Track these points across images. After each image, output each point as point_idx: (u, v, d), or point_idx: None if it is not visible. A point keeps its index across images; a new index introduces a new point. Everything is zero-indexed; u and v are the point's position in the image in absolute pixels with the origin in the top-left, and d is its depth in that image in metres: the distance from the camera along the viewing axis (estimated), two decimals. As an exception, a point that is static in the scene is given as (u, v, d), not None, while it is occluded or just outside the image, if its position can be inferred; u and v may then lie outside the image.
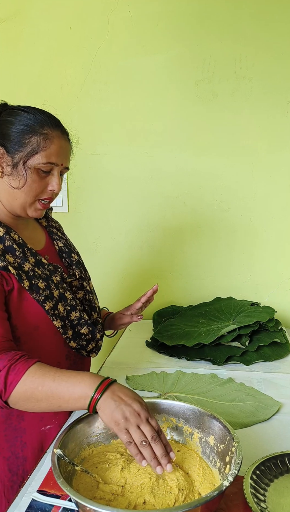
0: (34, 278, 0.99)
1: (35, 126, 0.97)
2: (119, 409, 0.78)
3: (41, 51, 1.85)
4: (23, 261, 0.98)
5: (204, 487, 0.78)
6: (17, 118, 0.98)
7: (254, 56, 1.74)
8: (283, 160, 1.80)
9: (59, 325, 1.03)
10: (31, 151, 0.96)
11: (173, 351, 1.51)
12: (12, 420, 1.03)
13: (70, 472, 0.79)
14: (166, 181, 1.87)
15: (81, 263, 1.22)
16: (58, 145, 0.99)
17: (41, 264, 1.04)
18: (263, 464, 0.84)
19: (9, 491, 1.04)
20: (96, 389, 0.81)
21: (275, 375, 1.34)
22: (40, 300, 0.99)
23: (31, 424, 1.05)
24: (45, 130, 0.97)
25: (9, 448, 1.04)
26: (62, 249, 1.17)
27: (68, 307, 1.06)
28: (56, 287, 1.05)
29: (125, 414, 0.78)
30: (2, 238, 0.97)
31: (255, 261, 1.90)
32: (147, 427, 0.78)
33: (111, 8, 1.78)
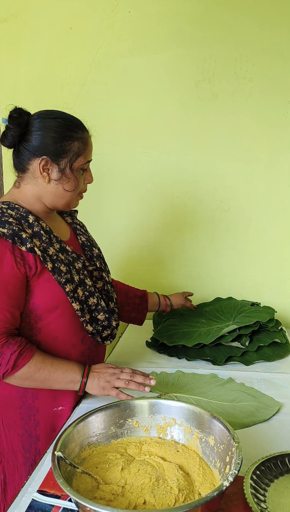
0: (57, 261, 1.08)
1: (70, 132, 1.09)
2: (98, 381, 1.06)
3: (41, 51, 1.85)
4: (48, 246, 1.07)
5: (204, 487, 0.78)
6: (49, 127, 1.08)
7: (254, 56, 1.74)
8: (283, 160, 1.80)
9: (77, 307, 1.10)
10: (74, 155, 1.09)
11: (173, 351, 1.51)
12: (27, 398, 1.10)
13: (70, 472, 0.79)
14: (166, 181, 1.87)
15: (102, 257, 1.32)
16: (90, 143, 1.14)
17: (65, 251, 1.13)
18: (263, 464, 0.84)
19: (22, 467, 1.11)
20: (82, 375, 1.06)
21: (275, 375, 1.34)
22: (62, 282, 1.07)
23: (44, 404, 1.11)
24: (79, 134, 1.10)
25: (23, 426, 1.11)
26: (84, 243, 1.28)
27: (86, 293, 1.15)
28: (77, 272, 1.14)
29: (105, 379, 1.06)
30: (32, 224, 1.07)
31: (255, 261, 1.90)
32: (122, 374, 1.07)
33: (111, 8, 1.78)
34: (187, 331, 1.61)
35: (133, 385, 1.05)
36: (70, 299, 1.08)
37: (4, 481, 1.11)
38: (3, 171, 1.96)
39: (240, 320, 1.56)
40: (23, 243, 1.01)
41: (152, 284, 1.96)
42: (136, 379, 1.06)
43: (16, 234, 1.01)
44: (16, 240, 1.00)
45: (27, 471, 1.09)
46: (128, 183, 1.89)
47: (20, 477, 1.10)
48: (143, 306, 1.51)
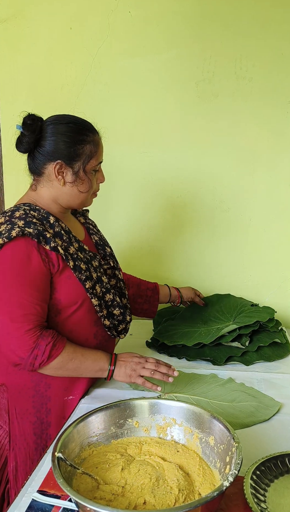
0: (77, 260, 1.15)
1: (82, 136, 1.13)
2: (124, 369, 1.14)
3: (41, 51, 1.85)
4: (68, 245, 1.14)
5: (204, 487, 0.78)
6: (62, 132, 1.13)
7: (254, 56, 1.74)
8: (283, 160, 1.80)
9: (96, 303, 1.17)
10: (86, 158, 1.14)
11: (173, 351, 1.51)
12: (40, 387, 1.15)
13: (70, 473, 0.79)
14: (166, 181, 1.87)
15: (114, 256, 1.38)
16: (101, 145, 1.18)
17: (83, 250, 1.21)
18: (263, 464, 0.84)
19: (33, 452, 1.15)
20: (109, 363, 1.14)
21: (275, 375, 1.34)
22: (82, 279, 1.14)
23: (56, 393, 1.16)
24: (90, 137, 1.15)
25: (35, 414, 1.16)
26: (98, 242, 1.34)
27: (103, 289, 1.22)
28: (95, 270, 1.21)
29: (131, 367, 1.14)
30: (53, 225, 1.13)
31: (255, 261, 1.90)
32: (148, 364, 1.14)
33: (112, 9, 1.78)
34: (187, 331, 1.61)
35: (158, 375, 1.12)
36: (90, 295, 1.15)
37: (15, 468, 1.15)
38: (3, 171, 1.96)
39: (240, 320, 1.56)
40: (47, 242, 1.08)
41: (152, 284, 1.96)
42: (161, 369, 1.13)
43: (41, 233, 1.07)
44: (41, 239, 1.07)
45: (38, 456, 1.14)
46: (128, 183, 1.89)
47: (32, 461, 1.14)
48: (155, 298, 1.56)
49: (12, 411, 1.16)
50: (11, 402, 1.15)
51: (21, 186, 1.96)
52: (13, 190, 1.97)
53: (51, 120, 1.16)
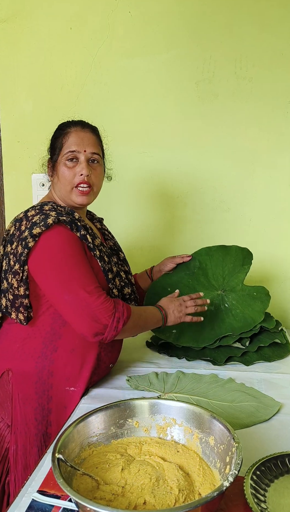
0: (101, 252, 1.24)
1: (58, 131, 1.24)
2: (173, 314, 1.30)
3: (41, 51, 1.85)
4: (93, 238, 1.22)
5: (204, 487, 0.78)
6: (53, 135, 1.27)
7: (254, 56, 1.74)
8: (283, 160, 1.80)
9: (116, 293, 1.26)
10: (58, 150, 1.21)
11: (173, 351, 1.51)
12: (43, 374, 1.18)
13: (70, 473, 0.79)
14: (166, 181, 1.87)
15: (126, 262, 1.45)
16: (76, 136, 1.21)
17: (104, 246, 1.29)
18: (264, 464, 0.84)
19: (33, 438, 1.17)
20: (161, 314, 1.28)
21: (275, 375, 1.34)
22: (106, 269, 1.22)
23: (57, 381, 1.19)
24: (65, 130, 1.22)
25: (37, 400, 1.18)
26: (112, 248, 1.41)
27: (122, 283, 1.32)
28: (115, 264, 1.32)
29: (178, 310, 1.31)
30: (79, 219, 1.20)
31: (255, 261, 1.89)
32: (187, 303, 1.33)
33: (112, 9, 1.78)
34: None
35: (199, 308, 1.33)
36: (111, 285, 1.23)
37: (16, 452, 1.17)
38: (3, 171, 1.97)
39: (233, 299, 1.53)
40: (78, 230, 1.16)
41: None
42: (198, 302, 1.34)
43: (73, 221, 1.16)
44: (74, 227, 1.16)
45: (39, 441, 1.16)
46: (128, 183, 1.89)
47: (32, 446, 1.16)
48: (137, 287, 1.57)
49: (15, 396, 1.18)
50: (15, 387, 1.18)
51: (22, 187, 1.97)
52: (13, 190, 1.97)
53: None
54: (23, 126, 1.91)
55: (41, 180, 1.91)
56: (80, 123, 1.24)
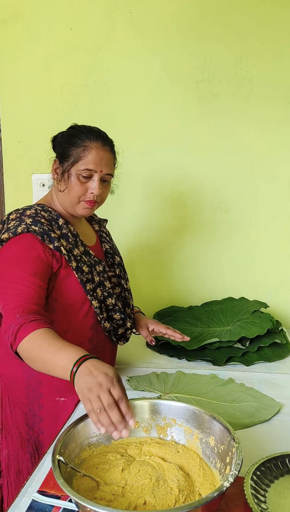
0: (80, 262, 1.17)
1: (77, 140, 1.16)
2: (84, 380, 0.82)
3: (41, 51, 1.85)
4: (73, 247, 1.17)
5: (204, 487, 0.78)
6: (69, 136, 1.18)
7: (254, 56, 1.74)
8: (283, 160, 1.80)
9: (96, 305, 1.18)
10: (74, 160, 1.15)
11: (173, 351, 1.51)
12: (33, 381, 1.16)
13: (71, 473, 0.79)
14: (166, 181, 1.87)
15: (122, 265, 1.39)
16: (96, 154, 1.16)
17: (88, 254, 1.23)
18: (264, 465, 0.84)
19: (25, 444, 1.16)
20: (75, 363, 0.85)
21: (276, 375, 1.34)
22: (83, 280, 1.15)
23: (47, 391, 1.16)
24: (85, 143, 1.15)
25: (28, 405, 1.16)
26: (108, 250, 1.36)
27: (105, 293, 1.23)
28: (98, 274, 1.23)
29: (88, 385, 0.80)
30: (61, 227, 1.17)
31: (255, 261, 1.90)
32: (105, 395, 0.79)
33: (112, 9, 1.78)
34: (183, 328, 1.62)
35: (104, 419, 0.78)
36: (90, 297, 1.17)
37: (7, 456, 1.17)
38: (3, 171, 1.97)
39: (234, 330, 1.55)
40: (51, 241, 1.11)
41: (152, 284, 1.97)
42: (112, 414, 0.78)
43: (46, 232, 1.11)
44: (45, 237, 1.10)
45: (31, 447, 1.15)
46: (128, 183, 1.89)
47: (24, 453, 1.15)
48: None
49: (5, 400, 1.17)
50: (5, 391, 1.18)
51: (22, 187, 1.97)
52: (13, 191, 1.97)
53: (70, 127, 1.23)
54: (24, 126, 1.91)
55: (41, 180, 1.91)
56: (101, 139, 1.18)
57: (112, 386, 0.81)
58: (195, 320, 1.71)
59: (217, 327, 1.63)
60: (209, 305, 1.82)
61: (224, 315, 1.70)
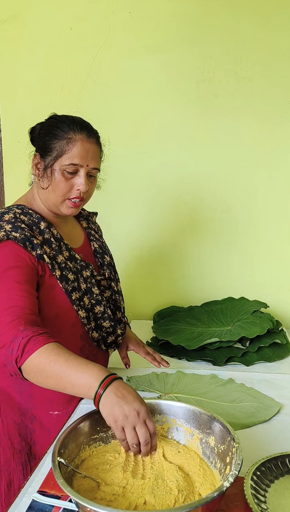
0: (65, 269, 1.09)
1: (59, 132, 1.06)
2: (119, 405, 0.79)
3: (41, 52, 1.85)
4: (57, 253, 1.09)
5: (204, 488, 0.78)
6: (50, 127, 1.08)
7: (254, 56, 1.74)
8: (283, 160, 1.80)
9: (83, 315, 1.11)
10: (57, 155, 1.05)
11: (173, 351, 1.51)
12: (24, 394, 1.11)
13: (71, 473, 0.79)
14: (166, 181, 1.87)
15: (112, 265, 1.31)
16: (81, 147, 1.06)
17: (74, 259, 1.14)
18: (264, 465, 0.84)
19: (18, 455, 1.12)
20: (101, 382, 0.81)
21: (276, 375, 1.34)
22: (68, 290, 1.08)
23: (39, 404, 1.11)
24: (69, 135, 1.05)
25: (20, 416, 1.12)
26: (96, 250, 1.28)
27: (93, 301, 1.16)
28: (84, 281, 1.15)
29: (124, 412, 0.79)
30: (43, 231, 1.08)
31: (255, 261, 1.90)
32: (142, 429, 0.79)
33: (112, 9, 1.78)
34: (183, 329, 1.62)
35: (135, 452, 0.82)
36: (76, 307, 1.10)
37: None
38: (3, 171, 1.97)
39: (234, 330, 1.56)
40: (33, 249, 1.03)
41: (152, 284, 1.97)
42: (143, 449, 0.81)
43: (28, 239, 1.03)
44: (28, 244, 1.02)
45: (23, 459, 1.12)
46: (128, 184, 1.89)
47: (16, 464, 1.12)
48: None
49: None
50: None
51: (21, 187, 1.96)
52: (13, 191, 1.97)
53: (50, 117, 1.13)
54: (24, 126, 1.89)
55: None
56: (86, 130, 1.08)
57: (148, 418, 0.81)
58: (195, 320, 1.72)
59: (217, 327, 1.64)
60: (209, 305, 1.82)
61: (224, 315, 1.70)
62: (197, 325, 1.67)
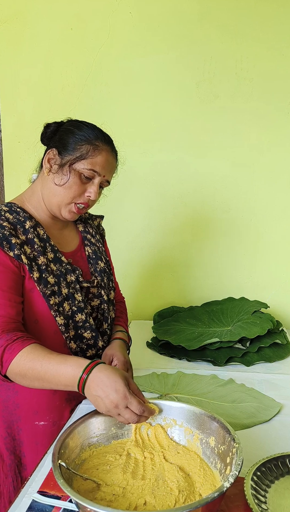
0: (46, 272, 1.04)
1: (90, 137, 1.07)
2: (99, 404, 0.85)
3: (42, 52, 1.85)
4: (39, 255, 1.04)
5: (205, 488, 0.78)
6: (77, 129, 1.08)
7: (254, 57, 1.74)
8: (284, 161, 1.80)
9: (61, 322, 1.05)
10: (80, 156, 1.06)
11: (174, 352, 1.51)
12: (9, 404, 1.09)
13: (71, 473, 0.79)
14: (167, 182, 1.87)
15: (107, 272, 1.25)
16: (105, 157, 1.08)
17: (59, 262, 1.09)
18: (264, 465, 0.84)
19: (7, 468, 1.09)
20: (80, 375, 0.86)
21: (276, 376, 1.34)
22: (46, 294, 1.03)
23: (25, 415, 1.09)
24: (97, 142, 1.07)
25: (6, 429, 1.09)
26: (90, 255, 1.22)
27: (74, 308, 1.09)
28: (67, 285, 1.08)
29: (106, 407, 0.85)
30: (27, 231, 1.05)
31: (256, 261, 1.90)
32: (127, 415, 0.85)
33: (112, 9, 1.78)
34: (183, 329, 1.62)
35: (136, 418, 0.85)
36: (54, 312, 1.04)
37: None
38: (3, 172, 1.97)
39: (235, 330, 1.56)
40: (11, 249, 0.99)
41: (152, 284, 1.97)
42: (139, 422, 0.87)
43: (5, 238, 0.99)
44: (5, 244, 0.99)
45: (13, 471, 1.10)
46: (128, 184, 1.89)
47: (6, 476, 1.10)
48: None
49: None
50: None
51: (22, 187, 1.96)
52: (14, 191, 1.97)
53: (76, 120, 1.13)
54: (24, 126, 1.91)
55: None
56: (110, 143, 1.11)
57: (128, 402, 0.84)
58: (195, 320, 1.72)
59: (217, 327, 1.63)
60: (209, 305, 1.82)
61: (225, 315, 1.70)
62: (197, 325, 1.67)
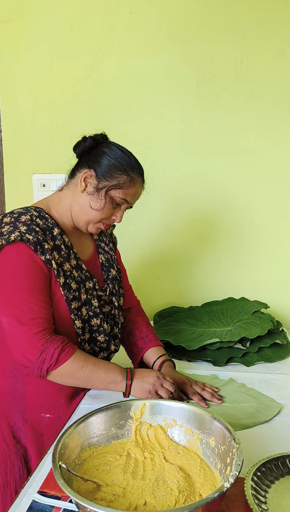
0: (69, 278, 1.13)
1: (126, 167, 1.15)
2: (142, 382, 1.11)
3: (42, 52, 1.85)
4: (65, 261, 1.13)
5: (205, 488, 0.78)
6: (114, 153, 1.16)
7: (255, 57, 1.74)
8: (284, 161, 1.80)
9: (79, 325, 1.14)
10: (116, 185, 1.14)
11: (174, 352, 1.51)
12: (16, 396, 1.14)
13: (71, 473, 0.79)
14: (167, 182, 1.87)
15: (118, 279, 1.33)
16: (137, 189, 1.19)
17: (80, 269, 1.18)
18: (264, 465, 0.84)
19: (13, 456, 1.13)
20: (125, 377, 1.11)
21: (276, 376, 1.34)
22: (69, 298, 1.11)
23: (31, 407, 1.15)
24: (132, 174, 1.16)
25: (13, 418, 1.15)
26: (103, 263, 1.30)
27: (91, 313, 1.18)
28: (86, 292, 1.18)
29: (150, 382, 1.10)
30: (55, 237, 1.12)
31: (256, 262, 1.90)
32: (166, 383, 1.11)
33: (113, 9, 1.78)
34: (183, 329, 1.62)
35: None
36: (74, 316, 1.12)
37: None
38: (4, 172, 1.97)
39: (235, 330, 1.56)
40: (43, 253, 1.07)
41: (152, 284, 1.97)
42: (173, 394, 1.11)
43: (39, 242, 1.06)
44: (38, 248, 1.06)
45: (19, 460, 1.13)
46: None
47: (13, 465, 1.13)
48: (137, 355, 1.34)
49: None
50: None
51: (22, 187, 1.97)
52: (14, 191, 1.97)
53: (112, 142, 1.21)
54: (24, 126, 1.91)
55: (42, 180, 1.91)
56: (142, 176, 1.21)
57: (164, 381, 1.12)
58: (195, 320, 1.72)
59: (217, 328, 1.63)
60: (209, 305, 1.82)
61: (225, 316, 1.70)
62: (197, 326, 1.67)
